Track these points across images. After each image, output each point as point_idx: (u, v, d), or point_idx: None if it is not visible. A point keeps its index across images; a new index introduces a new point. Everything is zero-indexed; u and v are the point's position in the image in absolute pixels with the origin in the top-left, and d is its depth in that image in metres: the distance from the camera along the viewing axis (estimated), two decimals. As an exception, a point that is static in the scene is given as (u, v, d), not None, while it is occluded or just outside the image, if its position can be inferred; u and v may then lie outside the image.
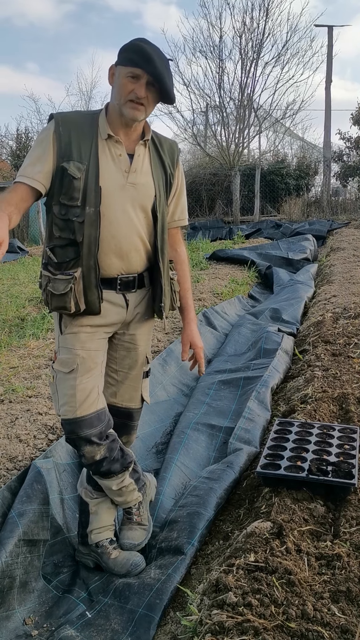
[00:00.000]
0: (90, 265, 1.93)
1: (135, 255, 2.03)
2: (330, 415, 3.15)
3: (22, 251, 12.93)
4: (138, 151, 2.00)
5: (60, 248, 1.95)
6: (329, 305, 5.77)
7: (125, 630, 1.90)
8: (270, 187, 19.00)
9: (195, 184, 18.90)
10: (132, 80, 1.88)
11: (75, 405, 1.98)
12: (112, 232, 1.96)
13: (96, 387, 2.04)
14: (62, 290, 1.91)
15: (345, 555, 1.90)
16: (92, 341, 2.03)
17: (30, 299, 6.52)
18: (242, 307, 6.45)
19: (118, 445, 2.11)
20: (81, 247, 1.92)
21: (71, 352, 2.01)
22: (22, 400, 3.39)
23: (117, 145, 1.96)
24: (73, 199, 1.90)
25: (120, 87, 1.90)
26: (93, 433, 2.00)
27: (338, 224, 14.72)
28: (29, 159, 1.92)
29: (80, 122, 1.96)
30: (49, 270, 1.96)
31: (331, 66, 19.23)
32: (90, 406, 2.00)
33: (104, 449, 2.04)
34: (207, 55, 18.06)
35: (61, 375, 2.02)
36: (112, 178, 1.95)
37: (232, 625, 1.61)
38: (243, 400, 3.59)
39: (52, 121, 1.94)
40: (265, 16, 17.08)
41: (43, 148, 1.91)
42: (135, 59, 1.85)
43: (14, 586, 2.05)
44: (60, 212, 1.93)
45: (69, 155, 1.90)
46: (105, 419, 2.06)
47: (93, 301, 1.96)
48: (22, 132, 21.06)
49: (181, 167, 2.21)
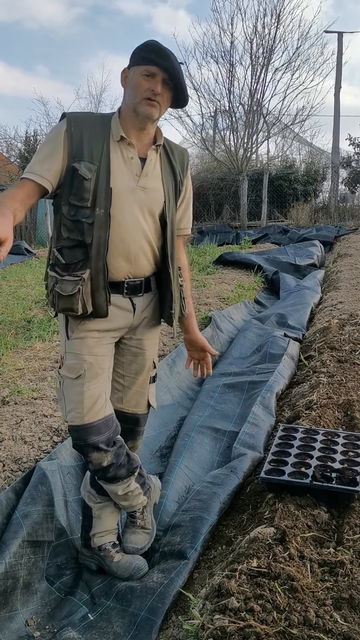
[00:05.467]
0: (99, 268, 1.92)
1: (143, 259, 2.03)
2: (335, 421, 3.14)
3: (29, 253, 12.94)
4: (150, 155, 2.00)
5: (68, 249, 1.94)
6: (335, 312, 5.76)
7: (127, 634, 1.91)
8: (278, 192, 19.00)
9: (203, 189, 18.91)
10: (148, 78, 1.88)
11: (83, 412, 1.97)
12: (121, 235, 1.96)
13: (104, 393, 2.03)
14: (69, 291, 1.90)
15: (349, 562, 1.90)
16: (99, 346, 2.02)
17: (36, 301, 6.54)
18: (248, 312, 6.45)
19: (125, 451, 2.11)
20: (90, 248, 1.91)
21: (78, 358, 1.99)
22: (28, 402, 3.40)
23: (129, 148, 1.96)
24: (83, 200, 1.89)
25: (136, 86, 1.90)
26: (101, 440, 1.99)
27: (345, 230, 14.68)
28: (38, 156, 1.91)
29: (93, 122, 1.95)
30: (56, 272, 1.94)
31: (341, 72, 19.25)
32: (97, 413, 1.99)
33: (111, 456, 2.03)
34: (217, 60, 18.15)
35: (68, 381, 2.00)
36: (123, 180, 1.94)
37: (234, 631, 1.61)
38: (248, 404, 3.59)
39: (64, 120, 1.93)
40: (276, 22, 17.11)
41: (53, 146, 1.90)
42: (151, 57, 1.86)
43: (17, 587, 2.06)
44: (69, 212, 1.91)
45: (80, 155, 1.89)
46: (113, 426, 2.05)
47: (101, 304, 1.95)
48: (31, 135, 21.17)
49: (190, 176, 2.20)
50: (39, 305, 6.31)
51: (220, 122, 20.17)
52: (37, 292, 7.18)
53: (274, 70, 17.83)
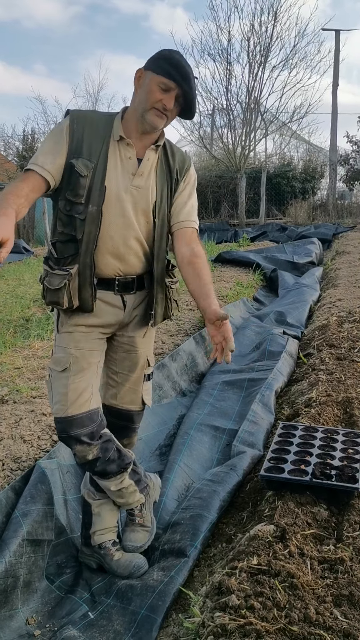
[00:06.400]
0: (87, 263, 1.95)
1: (133, 258, 2.04)
2: (335, 419, 3.15)
3: (27, 252, 12.96)
4: (148, 155, 2.00)
5: (61, 243, 1.98)
6: (334, 309, 5.76)
7: (127, 632, 1.91)
8: (276, 190, 18.99)
9: (201, 187, 18.87)
10: (163, 91, 1.88)
11: (67, 404, 1.99)
12: (110, 233, 1.97)
13: (89, 387, 2.04)
14: (56, 285, 1.93)
15: (348, 559, 1.90)
16: (86, 341, 2.04)
17: (35, 300, 6.53)
18: (247, 310, 6.45)
19: (114, 446, 2.11)
20: (80, 244, 1.94)
21: (65, 351, 2.03)
22: (27, 401, 3.40)
23: (128, 148, 1.97)
24: (78, 196, 1.92)
25: (149, 93, 1.89)
26: (83, 432, 2.01)
27: (344, 227, 14.69)
28: (42, 149, 1.92)
29: (96, 121, 1.97)
30: (49, 265, 1.99)
31: (338, 70, 19.27)
32: (81, 406, 2.01)
33: (96, 449, 2.04)
34: (215, 58, 18.06)
35: (55, 373, 2.04)
36: (118, 179, 1.96)
37: (235, 628, 1.61)
38: (247, 401, 3.59)
39: (68, 116, 1.95)
40: (273, 20, 17.05)
41: (56, 141, 1.92)
42: (172, 72, 1.85)
43: (17, 586, 2.06)
44: (65, 207, 1.94)
45: (79, 152, 1.91)
46: (98, 419, 2.06)
47: (86, 298, 1.98)
48: (29, 134, 21.15)
49: (193, 179, 2.15)
50: (37, 304, 6.30)
51: (218, 120, 20.15)
52: (36, 291, 7.17)
53: (272, 68, 17.78)
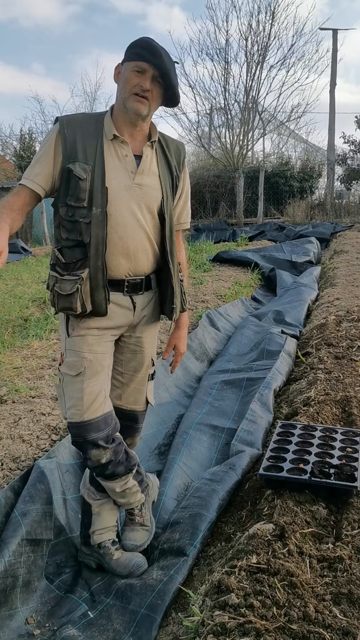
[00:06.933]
0: (98, 266, 1.94)
1: (142, 257, 2.04)
2: (333, 418, 3.15)
3: (25, 252, 12.94)
4: (145, 152, 2.01)
5: (68, 249, 1.96)
6: (332, 308, 5.77)
7: (127, 631, 1.91)
8: (274, 189, 19.01)
9: (199, 186, 18.90)
10: (138, 74, 1.90)
11: (83, 409, 1.98)
12: (120, 233, 1.97)
13: (103, 390, 2.04)
14: (68, 290, 1.92)
15: (347, 557, 1.90)
16: (99, 344, 2.03)
17: (33, 300, 6.53)
18: (245, 309, 6.46)
19: (123, 448, 2.12)
20: (89, 247, 1.93)
21: (78, 355, 2.01)
22: (26, 401, 3.40)
23: (123, 146, 1.97)
24: (79, 200, 1.91)
25: (126, 81, 1.92)
26: (100, 437, 2.00)
27: (342, 226, 14.70)
28: (34, 161, 1.96)
29: (86, 123, 1.97)
30: (57, 271, 1.97)
31: (335, 69, 19.28)
32: (97, 410, 2.00)
33: (110, 452, 2.04)
34: (213, 58, 18.15)
35: (68, 378, 2.02)
36: (118, 179, 1.96)
37: (234, 627, 1.61)
38: (245, 401, 3.59)
39: (57, 124, 1.96)
40: (271, 19, 17.12)
41: (44, 150, 1.94)
42: (142, 53, 1.88)
43: (16, 585, 2.06)
44: (67, 213, 1.93)
45: (75, 156, 1.91)
46: (112, 423, 2.06)
47: (100, 302, 1.97)
48: (26, 133, 21.14)
49: (187, 170, 2.22)
50: (35, 304, 6.30)
51: (215, 120, 20.18)
52: (34, 291, 7.17)
53: (269, 68, 17.89)
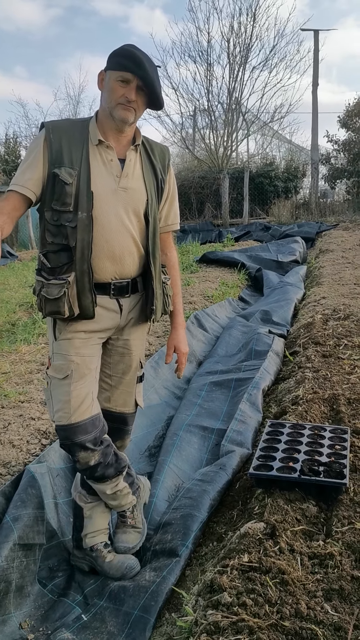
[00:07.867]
0: (84, 270, 1.95)
1: (129, 260, 2.05)
2: (321, 416, 3.18)
3: (11, 256, 12.88)
4: (129, 156, 2.03)
5: (54, 253, 1.97)
6: (318, 307, 5.81)
7: (121, 633, 1.92)
8: (259, 189, 19.07)
9: (184, 187, 18.91)
10: (123, 84, 1.92)
11: (70, 412, 1.99)
12: (106, 237, 1.98)
13: (90, 393, 2.05)
14: (55, 294, 1.93)
15: (338, 554, 1.93)
16: (86, 347, 2.04)
17: (20, 304, 6.51)
18: (232, 310, 6.48)
19: (112, 450, 2.12)
20: (74, 251, 1.94)
21: (65, 359, 2.02)
22: (15, 406, 3.39)
23: (108, 151, 1.99)
24: (65, 205, 1.92)
25: (111, 91, 1.93)
26: (88, 439, 2.01)
27: (327, 226, 14.77)
28: (21, 168, 1.96)
29: (71, 128, 1.99)
30: (43, 276, 1.98)
31: (317, 69, 19.36)
32: (84, 412, 2.01)
33: (99, 455, 2.05)
34: (195, 60, 18.11)
35: (55, 381, 2.03)
36: (104, 183, 1.97)
37: (227, 625, 1.63)
38: (235, 401, 3.61)
39: (43, 130, 1.96)
40: (252, 21, 17.12)
41: (33, 156, 1.95)
42: (126, 63, 1.89)
43: (10, 590, 2.06)
44: (52, 218, 1.94)
45: (60, 161, 1.92)
46: (100, 425, 2.07)
47: (87, 305, 1.98)
48: (11, 137, 21.06)
49: (172, 172, 2.23)
50: (23, 308, 6.28)
51: (199, 121, 20.18)
52: (21, 295, 7.14)
53: (252, 69, 17.87)
